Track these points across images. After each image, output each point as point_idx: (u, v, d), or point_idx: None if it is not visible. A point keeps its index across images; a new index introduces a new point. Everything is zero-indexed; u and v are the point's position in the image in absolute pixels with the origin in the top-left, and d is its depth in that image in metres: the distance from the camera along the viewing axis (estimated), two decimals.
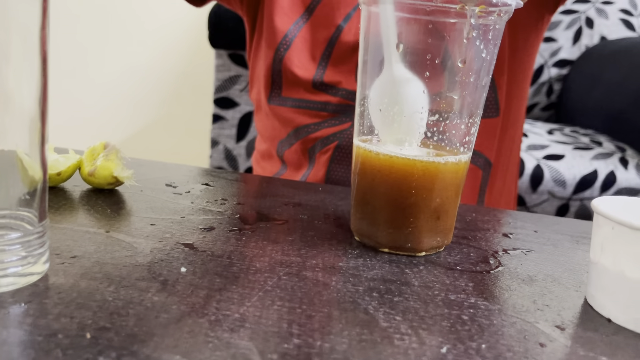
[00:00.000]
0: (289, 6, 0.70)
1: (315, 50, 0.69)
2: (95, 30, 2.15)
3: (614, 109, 1.38)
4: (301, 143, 0.72)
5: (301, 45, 0.69)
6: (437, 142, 0.39)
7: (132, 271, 0.32)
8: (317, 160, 0.71)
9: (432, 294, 0.33)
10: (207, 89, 1.94)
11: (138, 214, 0.42)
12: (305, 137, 0.71)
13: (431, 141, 0.39)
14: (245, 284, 0.32)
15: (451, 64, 0.36)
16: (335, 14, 0.69)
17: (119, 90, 2.19)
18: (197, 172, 0.57)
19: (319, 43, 0.69)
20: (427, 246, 0.40)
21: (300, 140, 0.72)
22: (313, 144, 0.71)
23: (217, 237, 0.39)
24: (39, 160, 0.29)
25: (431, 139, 0.39)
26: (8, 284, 0.28)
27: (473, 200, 0.72)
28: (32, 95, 0.28)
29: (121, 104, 2.20)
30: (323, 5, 0.70)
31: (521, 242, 0.46)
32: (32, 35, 0.27)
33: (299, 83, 0.70)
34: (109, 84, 2.20)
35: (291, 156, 0.74)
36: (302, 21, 0.70)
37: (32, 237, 0.29)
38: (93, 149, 0.47)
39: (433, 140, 0.39)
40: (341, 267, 0.36)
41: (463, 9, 0.34)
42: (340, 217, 0.47)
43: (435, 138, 0.39)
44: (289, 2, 0.71)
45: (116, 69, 2.18)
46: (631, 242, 0.31)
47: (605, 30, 1.64)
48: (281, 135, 0.74)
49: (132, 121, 2.22)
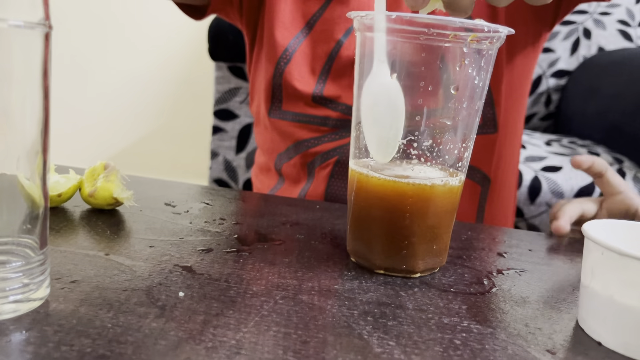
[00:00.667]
0: (289, 20, 0.71)
1: (315, 65, 0.70)
2: (96, 41, 2.16)
3: (611, 119, 1.39)
4: (301, 157, 0.72)
5: (301, 59, 0.70)
6: (431, 165, 0.40)
7: (131, 296, 0.32)
8: (316, 175, 0.72)
9: (425, 318, 0.34)
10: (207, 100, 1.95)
11: (137, 236, 0.43)
12: (305, 152, 0.72)
13: (425, 164, 0.40)
14: (242, 309, 0.32)
15: (444, 90, 0.37)
16: (335, 28, 0.70)
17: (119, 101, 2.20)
18: (196, 190, 0.58)
19: (319, 57, 0.70)
20: (422, 267, 0.40)
21: (300, 155, 0.72)
22: (313, 159, 0.72)
23: (214, 259, 0.39)
24: (40, 190, 0.30)
25: (425, 162, 0.39)
26: (10, 311, 0.29)
27: (472, 217, 0.72)
28: (35, 127, 0.29)
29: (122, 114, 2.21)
30: (323, 20, 0.71)
31: (515, 261, 0.46)
32: (35, 68, 0.28)
33: (299, 97, 0.71)
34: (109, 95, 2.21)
35: (290, 170, 0.75)
36: (303, 35, 0.71)
37: (34, 265, 0.30)
38: (93, 170, 0.48)
39: (427, 162, 0.40)
40: (337, 289, 0.36)
41: (455, 38, 0.35)
42: (337, 236, 0.48)
43: (429, 162, 0.39)
44: (289, 16, 0.72)
45: (117, 80, 2.19)
46: (620, 268, 0.31)
47: (603, 41, 1.65)
48: (280, 148, 0.75)
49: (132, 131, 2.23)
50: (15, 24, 0.26)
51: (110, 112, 2.20)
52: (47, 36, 0.28)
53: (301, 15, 0.71)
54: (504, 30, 0.36)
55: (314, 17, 0.71)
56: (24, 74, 0.28)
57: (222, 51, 1.36)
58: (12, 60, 0.27)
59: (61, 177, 0.48)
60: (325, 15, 0.71)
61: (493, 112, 0.69)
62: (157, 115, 2.18)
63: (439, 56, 0.36)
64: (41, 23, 0.27)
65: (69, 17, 2.12)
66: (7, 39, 0.26)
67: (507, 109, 0.71)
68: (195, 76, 2.10)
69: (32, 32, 0.27)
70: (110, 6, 2.08)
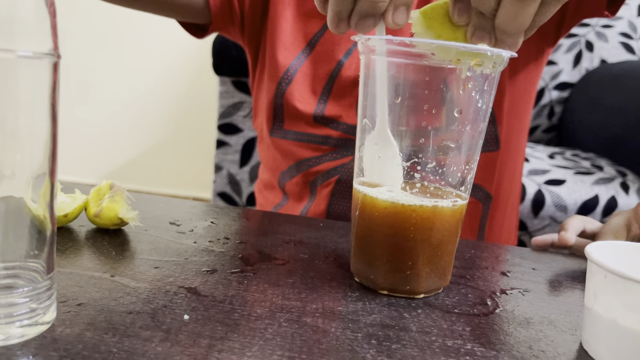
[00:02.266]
0: (290, 41, 0.72)
1: (317, 85, 0.71)
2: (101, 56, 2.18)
3: (614, 132, 1.39)
4: (302, 176, 0.73)
5: (302, 79, 0.71)
6: (435, 187, 0.40)
7: (136, 319, 0.33)
8: (318, 194, 0.72)
9: (429, 340, 0.34)
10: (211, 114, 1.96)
11: (142, 256, 0.43)
12: (306, 170, 0.72)
13: (429, 185, 0.40)
14: (246, 332, 0.32)
15: (448, 112, 0.37)
16: (336, 49, 0.71)
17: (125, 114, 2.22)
18: (200, 209, 0.58)
19: (319, 77, 0.71)
20: (425, 288, 0.40)
21: (302, 173, 0.73)
22: (314, 177, 0.72)
23: (219, 280, 0.40)
24: (47, 214, 0.30)
25: (429, 184, 0.40)
26: (18, 336, 0.29)
27: (473, 235, 0.72)
28: (42, 151, 0.29)
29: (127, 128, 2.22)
30: (324, 41, 0.71)
31: (519, 281, 0.46)
32: (43, 95, 0.28)
33: (300, 117, 0.71)
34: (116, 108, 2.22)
35: (292, 188, 0.75)
36: (304, 56, 0.71)
37: (41, 290, 0.30)
38: (99, 190, 0.48)
39: (431, 184, 0.40)
40: (340, 311, 0.37)
41: (458, 62, 0.36)
42: (340, 255, 0.48)
43: (433, 183, 0.40)
44: (290, 37, 0.72)
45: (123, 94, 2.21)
46: (623, 291, 0.31)
47: (606, 54, 1.66)
48: (283, 167, 0.75)
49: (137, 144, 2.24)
50: (24, 55, 0.27)
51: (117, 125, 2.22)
52: (55, 66, 0.28)
53: (302, 36, 0.72)
54: (507, 54, 0.37)
55: (315, 38, 0.71)
56: (32, 101, 0.28)
57: (226, 66, 1.37)
58: (21, 89, 0.28)
59: (67, 197, 0.48)
60: (326, 35, 0.71)
61: (495, 129, 0.70)
62: (162, 128, 2.19)
63: (442, 80, 0.37)
64: (50, 53, 0.28)
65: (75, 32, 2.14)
66: (15, 69, 0.27)
67: (509, 126, 0.72)
68: (199, 91, 2.12)
69: (41, 62, 0.27)
70: (116, 22, 2.11)
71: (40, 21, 0.27)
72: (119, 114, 2.18)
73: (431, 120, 0.37)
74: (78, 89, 2.16)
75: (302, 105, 0.70)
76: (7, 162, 0.28)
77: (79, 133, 2.20)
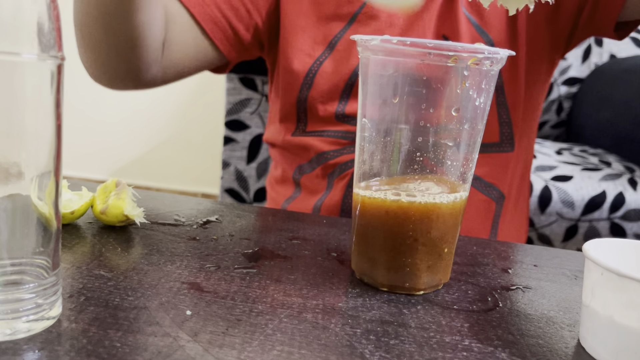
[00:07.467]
0: (309, 46, 0.73)
1: (338, 83, 0.72)
2: None
3: (623, 128, 1.38)
4: (322, 168, 0.75)
5: (322, 80, 0.72)
6: (434, 183, 0.40)
7: (140, 315, 0.33)
8: (334, 185, 0.74)
9: (427, 336, 0.34)
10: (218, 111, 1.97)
11: (147, 253, 0.44)
12: (325, 163, 0.74)
13: (427, 182, 0.40)
14: (247, 328, 0.33)
15: (446, 111, 0.38)
16: (356, 48, 0.72)
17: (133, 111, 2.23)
18: (205, 206, 0.59)
19: (341, 76, 0.72)
20: (425, 285, 0.41)
21: (321, 166, 0.75)
22: (332, 169, 0.74)
23: (222, 277, 0.40)
24: (53, 212, 0.31)
25: (427, 181, 0.40)
26: (25, 330, 0.30)
27: (486, 233, 0.73)
28: (47, 150, 0.30)
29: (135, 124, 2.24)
30: (344, 41, 0.72)
31: (519, 277, 0.47)
32: (48, 96, 0.29)
33: (323, 117, 0.73)
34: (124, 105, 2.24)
35: (310, 181, 0.77)
36: (324, 57, 0.72)
37: (47, 286, 0.31)
38: (105, 187, 0.49)
39: (429, 181, 0.40)
40: (340, 307, 0.37)
41: (455, 61, 0.36)
42: (342, 252, 0.48)
43: (432, 180, 0.40)
44: (309, 42, 0.73)
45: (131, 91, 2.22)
46: (619, 289, 0.32)
47: (615, 49, 1.64)
48: (302, 160, 0.77)
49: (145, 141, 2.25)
50: (29, 57, 0.27)
51: (126, 122, 2.23)
52: (59, 67, 0.29)
53: (322, 39, 0.73)
54: (504, 52, 0.37)
55: (336, 38, 0.72)
56: (37, 102, 0.29)
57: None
58: (26, 90, 0.28)
59: (74, 194, 0.49)
60: (347, 36, 0.72)
61: (511, 131, 0.72)
62: (170, 125, 2.21)
63: (440, 78, 0.37)
64: (54, 55, 0.28)
65: None
66: (21, 72, 0.27)
67: (522, 127, 0.74)
68: (206, 87, 2.13)
69: (45, 64, 0.28)
70: None
71: (44, 24, 0.28)
72: (128, 111, 2.20)
73: (429, 118, 0.38)
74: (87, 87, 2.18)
75: (324, 106, 0.72)
76: (13, 161, 0.29)
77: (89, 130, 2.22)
